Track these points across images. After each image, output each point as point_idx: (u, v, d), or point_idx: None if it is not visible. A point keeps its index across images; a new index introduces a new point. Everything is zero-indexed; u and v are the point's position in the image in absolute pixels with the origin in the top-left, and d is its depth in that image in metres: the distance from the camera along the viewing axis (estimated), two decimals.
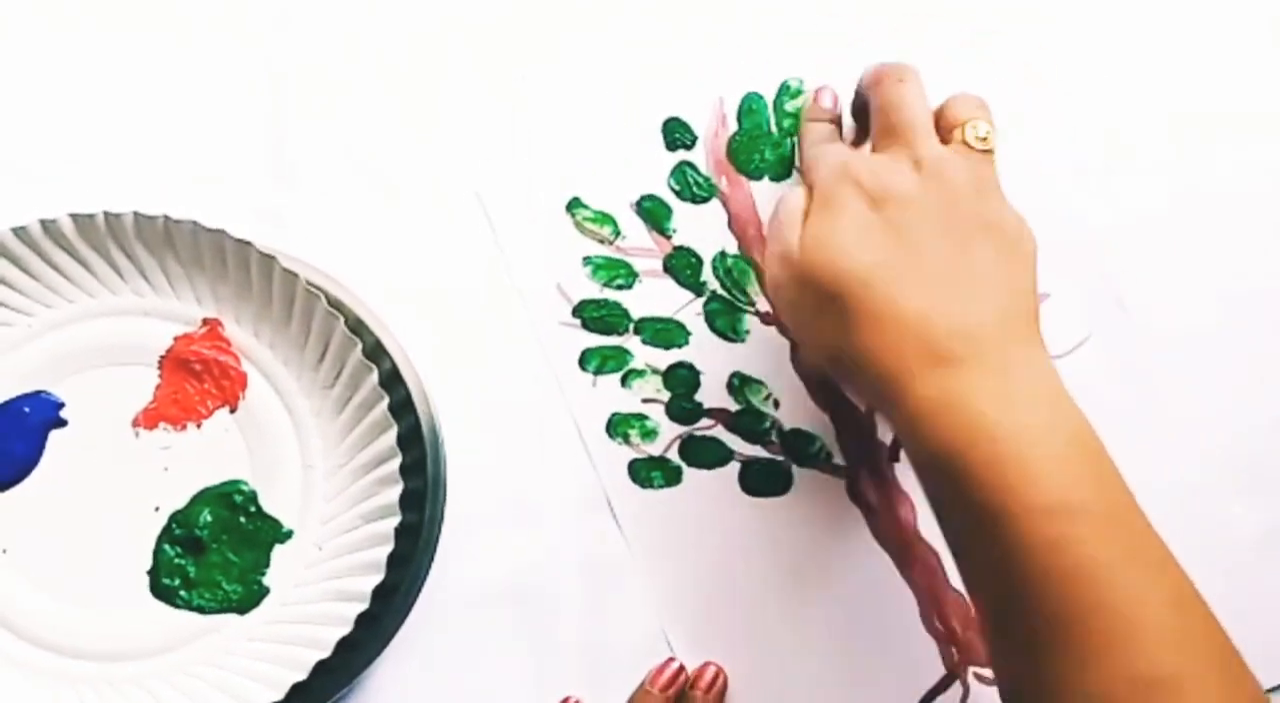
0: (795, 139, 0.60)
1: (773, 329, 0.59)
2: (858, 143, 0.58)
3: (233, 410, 0.56)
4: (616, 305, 0.59)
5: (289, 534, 0.56)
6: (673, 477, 0.58)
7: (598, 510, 0.58)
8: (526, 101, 0.60)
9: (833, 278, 0.50)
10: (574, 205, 0.59)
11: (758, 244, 0.59)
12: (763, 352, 0.59)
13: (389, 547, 0.54)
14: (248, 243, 0.55)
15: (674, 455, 0.58)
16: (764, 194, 0.60)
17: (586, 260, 0.59)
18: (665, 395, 0.59)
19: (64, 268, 0.56)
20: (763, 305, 0.59)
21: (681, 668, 0.57)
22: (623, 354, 0.59)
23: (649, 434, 0.58)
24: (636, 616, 0.58)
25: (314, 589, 0.55)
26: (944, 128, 0.52)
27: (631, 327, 0.59)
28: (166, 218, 0.55)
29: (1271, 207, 0.60)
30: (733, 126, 0.60)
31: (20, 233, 0.55)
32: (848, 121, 0.59)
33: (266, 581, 0.56)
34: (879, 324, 0.49)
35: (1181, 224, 0.60)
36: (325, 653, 0.53)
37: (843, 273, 0.49)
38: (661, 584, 0.58)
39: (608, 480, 0.58)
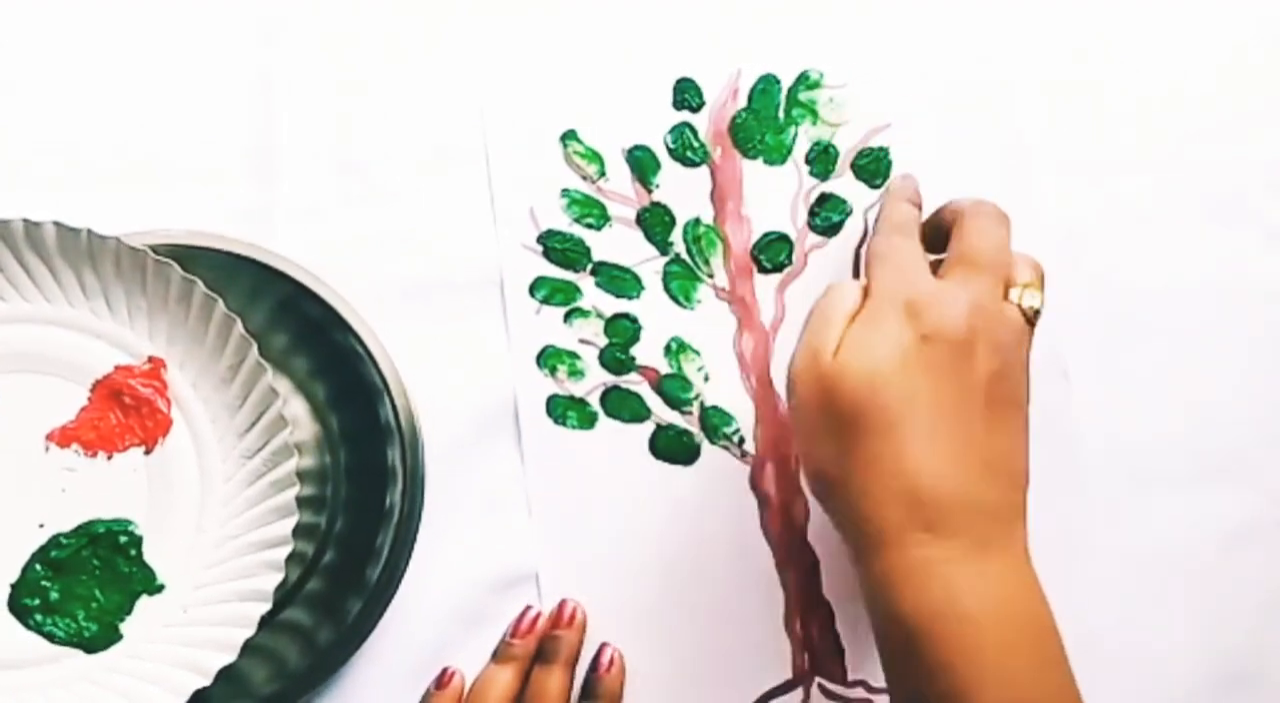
0: (797, 129, 0.60)
1: (724, 305, 0.59)
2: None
3: (148, 452, 0.55)
4: (580, 242, 0.59)
5: (160, 588, 0.55)
6: (587, 421, 0.59)
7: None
8: (545, 30, 0.60)
9: (856, 397, 0.48)
10: (568, 137, 0.60)
11: (733, 220, 0.60)
12: (708, 324, 0.59)
13: (249, 631, 0.53)
14: (193, 279, 0.54)
15: (594, 401, 0.59)
16: (754, 174, 0.60)
17: (565, 193, 0.60)
18: (602, 341, 0.59)
19: (32, 269, 0.55)
20: (720, 280, 0.60)
21: (539, 615, 0.58)
22: (573, 290, 0.59)
23: (576, 374, 0.59)
24: (515, 548, 0.59)
25: (164, 650, 0.54)
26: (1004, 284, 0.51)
27: (589, 267, 0.59)
28: (115, 241, 0.54)
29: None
30: (742, 103, 0.60)
31: (0, 226, 0.54)
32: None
33: (123, 627, 0.55)
34: (882, 467, 0.47)
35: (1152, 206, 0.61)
36: None
37: (867, 397, 0.48)
38: (545, 523, 0.58)
39: (524, 408, 0.59)
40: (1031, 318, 0.50)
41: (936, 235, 0.54)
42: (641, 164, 0.60)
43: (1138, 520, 0.59)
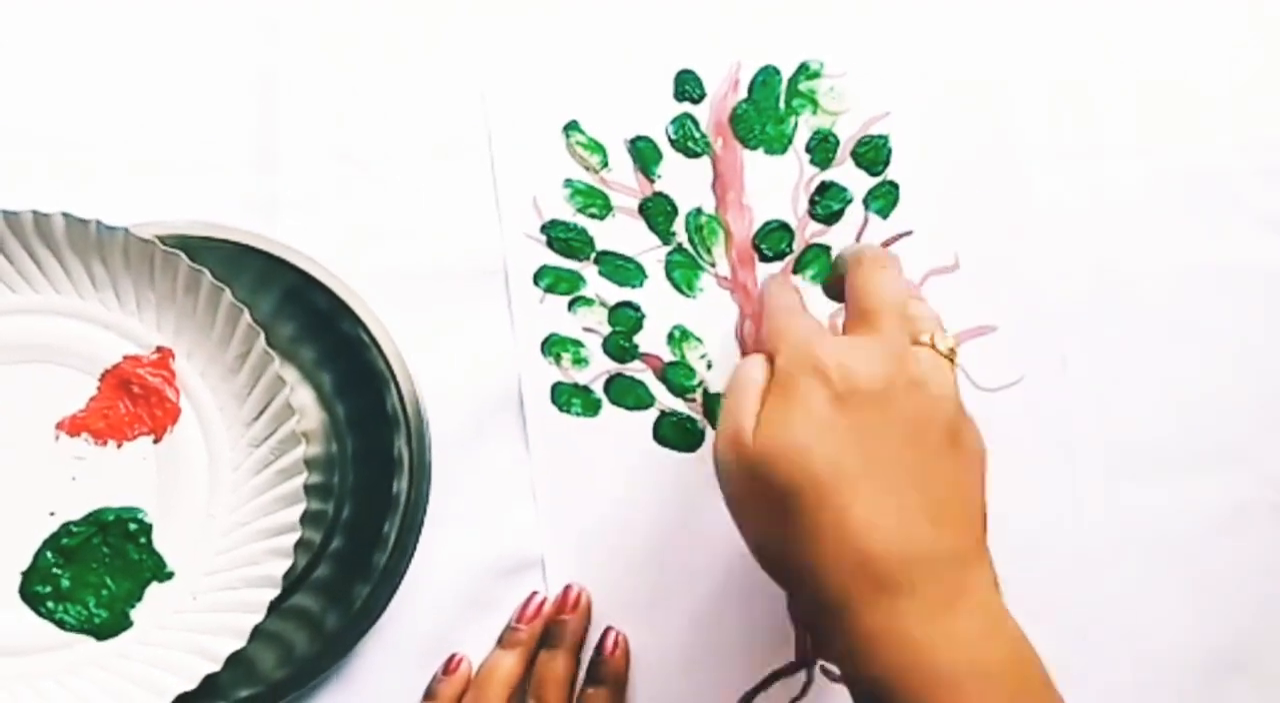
0: (797, 119, 0.61)
1: (726, 293, 0.60)
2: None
3: (156, 441, 0.56)
4: (584, 232, 0.60)
5: (170, 575, 0.56)
6: (592, 409, 0.60)
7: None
8: (547, 22, 0.61)
9: (784, 475, 0.46)
10: (571, 128, 0.60)
11: (734, 209, 0.60)
12: (710, 313, 0.60)
13: (258, 617, 0.54)
14: (201, 270, 0.55)
15: (598, 389, 0.60)
16: (755, 164, 0.61)
17: (568, 183, 0.60)
18: (606, 329, 0.60)
19: (42, 261, 0.56)
20: (722, 268, 0.60)
21: (544, 600, 0.58)
22: (577, 279, 0.60)
23: (580, 361, 0.60)
24: (520, 535, 0.59)
25: (174, 636, 0.55)
26: (910, 332, 0.50)
27: (593, 256, 0.60)
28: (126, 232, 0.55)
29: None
30: (743, 94, 0.61)
31: (10, 218, 0.55)
32: (818, 297, 0.57)
33: (133, 614, 0.55)
34: (825, 538, 0.46)
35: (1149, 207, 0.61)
36: (163, 701, 0.53)
37: (795, 472, 0.46)
38: (550, 510, 0.59)
39: (528, 396, 0.59)
40: (950, 356, 0.49)
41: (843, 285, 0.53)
42: (643, 155, 0.60)
43: (1133, 507, 0.59)
